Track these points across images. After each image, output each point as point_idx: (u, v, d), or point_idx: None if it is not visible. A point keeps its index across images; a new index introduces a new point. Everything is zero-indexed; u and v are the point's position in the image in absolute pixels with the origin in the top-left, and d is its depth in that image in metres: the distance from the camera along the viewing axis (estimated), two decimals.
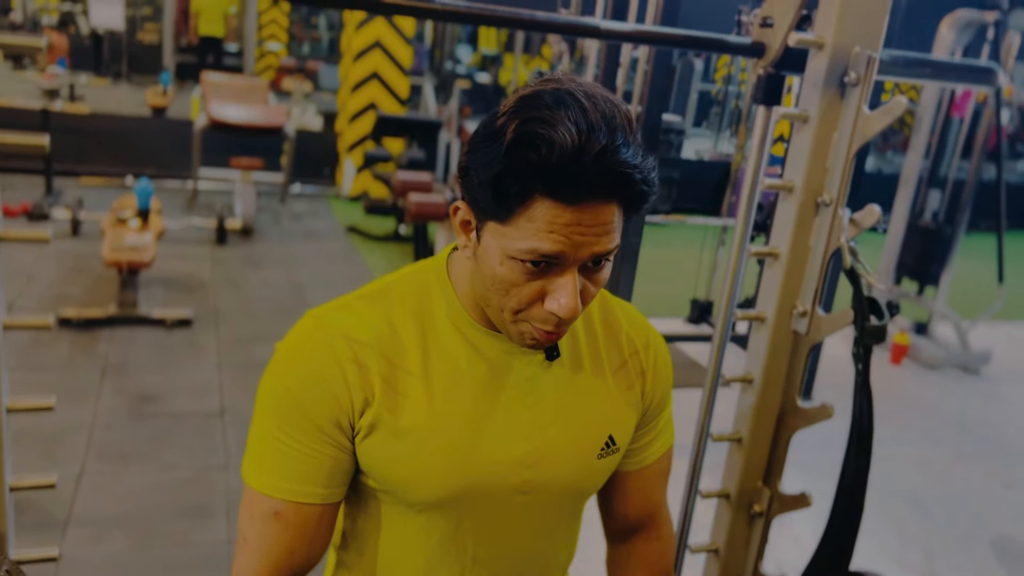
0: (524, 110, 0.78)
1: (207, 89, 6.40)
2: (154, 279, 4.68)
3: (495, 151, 0.78)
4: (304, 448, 0.89)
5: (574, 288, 0.82)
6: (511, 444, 0.93)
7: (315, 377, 0.89)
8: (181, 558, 2.55)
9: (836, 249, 1.36)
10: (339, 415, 0.89)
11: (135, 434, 3.19)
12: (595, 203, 0.78)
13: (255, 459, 0.92)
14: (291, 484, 0.90)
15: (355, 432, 0.90)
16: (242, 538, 0.93)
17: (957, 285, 5.54)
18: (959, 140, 5.45)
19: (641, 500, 1.09)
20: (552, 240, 0.79)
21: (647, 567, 1.13)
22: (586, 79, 0.83)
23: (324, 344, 0.89)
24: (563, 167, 0.75)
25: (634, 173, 0.78)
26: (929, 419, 4.31)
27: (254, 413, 0.93)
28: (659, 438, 1.06)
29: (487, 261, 0.84)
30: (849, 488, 1.41)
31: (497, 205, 0.80)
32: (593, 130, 0.76)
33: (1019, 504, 3.55)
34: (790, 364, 1.46)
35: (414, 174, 4.97)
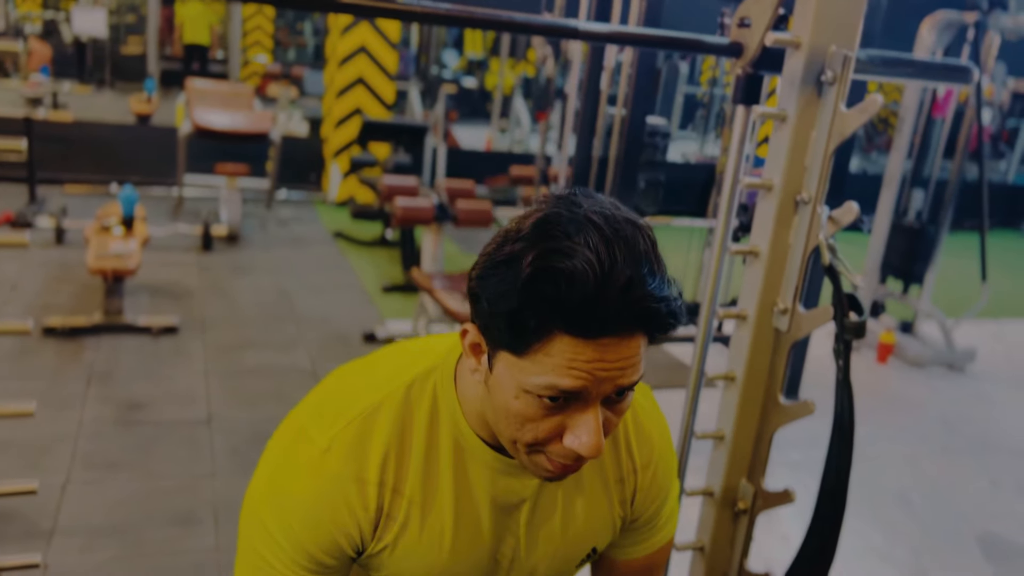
0: (541, 239, 0.72)
1: (192, 95, 6.38)
2: (139, 287, 4.66)
3: (510, 282, 0.72)
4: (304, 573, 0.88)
5: (597, 425, 0.76)
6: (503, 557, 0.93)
7: (324, 524, 0.86)
8: (169, 566, 2.54)
9: (816, 247, 1.37)
10: (346, 552, 0.88)
11: (121, 443, 3.17)
12: (619, 337, 0.73)
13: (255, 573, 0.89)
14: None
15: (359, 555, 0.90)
16: None
17: (941, 284, 5.59)
18: (941, 140, 5.50)
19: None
20: (573, 376, 0.73)
21: None
22: (603, 196, 0.78)
23: (333, 489, 0.86)
24: (585, 304, 0.70)
25: (660, 307, 0.73)
26: (915, 417, 4.34)
27: (244, 525, 0.91)
28: (659, 533, 1.03)
29: (500, 392, 0.79)
30: (832, 484, 1.42)
31: (513, 338, 0.74)
32: (615, 261, 0.70)
33: (1005, 501, 3.58)
34: (772, 361, 1.47)
35: (400, 178, 4.97)
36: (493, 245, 0.77)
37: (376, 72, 7.16)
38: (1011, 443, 4.17)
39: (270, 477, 0.89)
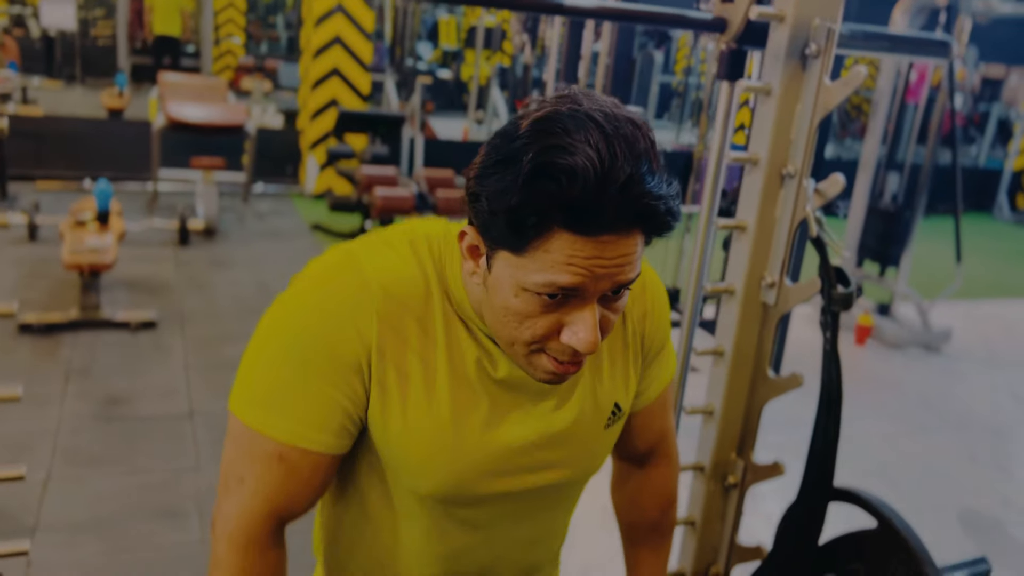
0: (541, 136, 0.72)
1: (165, 89, 6.31)
2: (116, 282, 4.61)
3: (510, 180, 0.72)
4: (320, 392, 0.84)
5: (594, 321, 0.77)
6: (524, 432, 0.91)
7: (346, 320, 0.83)
8: (154, 560, 2.51)
9: (802, 220, 1.38)
10: (363, 367, 0.85)
11: (102, 438, 3.14)
12: (617, 235, 0.73)
13: (257, 395, 0.86)
14: (302, 429, 0.85)
15: (371, 390, 0.86)
16: (236, 478, 0.87)
17: (917, 266, 5.66)
18: (915, 125, 5.56)
19: (646, 434, 1.09)
20: (571, 272, 0.74)
21: (652, 493, 1.14)
22: (602, 95, 0.77)
23: (360, 289, 0.84)
24: (585, 200, 0.70)
25: (659, 204, 0.73)
26: (894, 396, 4.39)
27: (256, 344, 0.87)
28: (660, 375, 1.04)
29: (499, 292, 0.79)
30: (820, 453, 1.44)
31: (512, 236, 0.74)
32: (615, 158, 0.70)
33: (983, 477, 3.63)
34: (760, 335, 1.48)
35: (379, 168, 4.95)
36: (491, 146, 0.76)
37: (351, 63, 7.11)
38: (987, 420, 4.23)
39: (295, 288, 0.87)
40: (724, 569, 1.60)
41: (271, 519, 0.89)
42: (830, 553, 1.45)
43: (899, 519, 1.36)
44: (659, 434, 1.10)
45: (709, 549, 1.60)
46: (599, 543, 2.62)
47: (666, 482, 1.14)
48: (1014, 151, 10.05)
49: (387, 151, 6.45)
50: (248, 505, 0.87)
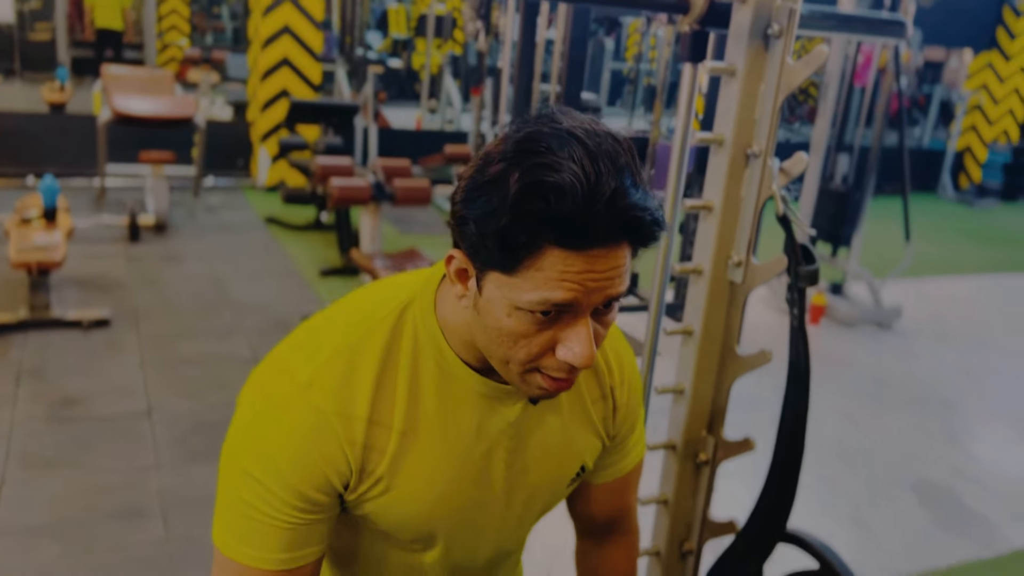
0: (525, 155, 0.73)
1: (109, 82, 6.15)
2: (66, 280, 4.49)
3: (497, 201, 0.73)
4: (299, 520, 0.86)
5: (588, 336, 0.78)
6: (490, 486, 0.93)
7: (313, 460, 0.84)
8: (118, 561, 2.47)
9: (767, 199, 1.40)
10: (336, 488, 0.87)
11: (58, 440, 3.06)
12: (606, 248, 0.74)
13: (237, 529, 0.87)
14: (287, 554, 0.87)
15: (347, 494, 0.88)
16: None
17: (867, 246, 5.78)
18: (864, 108, 5.67)
19: (607, 508, 1.10)
20: (564, 288, 0.74)
21: (611, 569, 1.16)
22: (580, 113, 0.78)
23: (320, 424, 0.84)
24: (574, 216, 0.71)
25: (645, 215, 0.74)
26: (848, 374, 4.49)
27: (225, 477, 0.88)
28: (629, 455, 1.06)
29: (491, 313, 0.79)
30: (790, 428, 1.47)
31: (502, 256, 0.75)
32: (600, 173, 0.71)
33: (936, 449, 3.74)
34: (728, 314, 1.50)
35: (334, 159, 4.89)
36: (474, 168, 0.77)
37: (301, 53, 7.01)
38: (938, 394, 4.35)
39: (250, 420, 0.86)
40: (697, 545, 1.62)
41: None
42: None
43: (839, 561, 1.43)
44: (620, 511, 1.12)
45: (682, 526, 1.63)
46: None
47: (624, 559, 1.16)
48: (956, 132, 10.32)
49: (340, 141, 6.38)
50: None
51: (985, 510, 3.22)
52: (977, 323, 5.69)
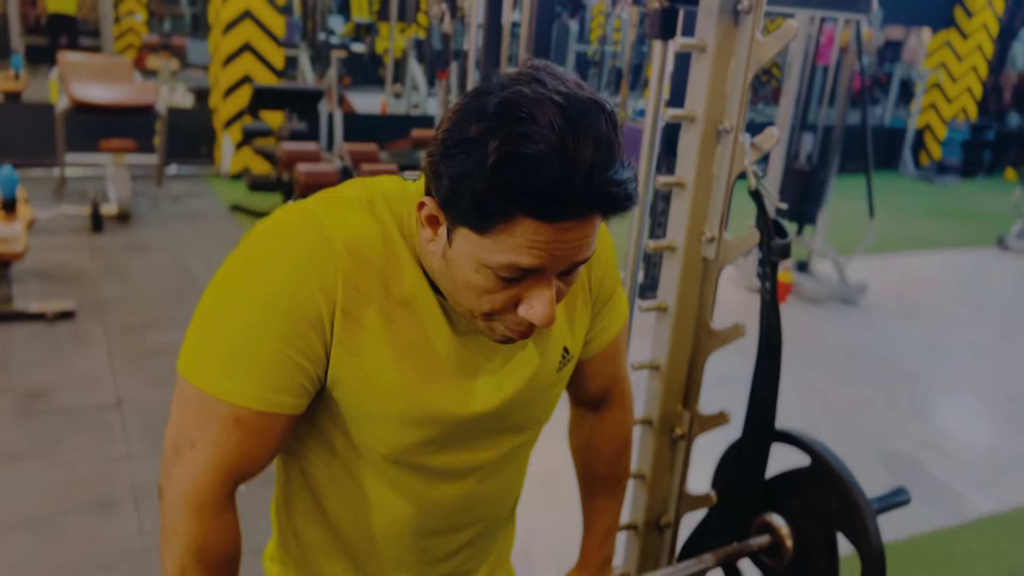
0: (506, 121, 0.72)
1: (65, 70, 6.01)
2: (27, 272, 4.41)
3: (474, 164, 0.73)
4: (279, 353, 0.82)
5: (551, 298, 0.80)
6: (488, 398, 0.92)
7: (309, 278, 0.81)
8: (91, 554, 2.44)
9: (739, 174, 1.42)
10: (325, 326, 0.83)
11: (25, 433, 3.01)
12: (578, 220, 0.75)
13: (211, 357, 0.83)
14: (260, 392, 0.83)
15: (332, 349, 0.85)
16: (188, 442, 0.84)
17: (832, 224, 5.87)
18: (827, 87, 5.74)
19: (599, 378, 1.11)
20: (532, 255, 0.76)
21: (606, 436, 1.17)
22: (566, 72, 0.77)
23: (323, 246, 0.82)
24: (549, 189, 0.72)
25: (620, 191, 0.75)
26: (816, 349, 4.56)
27: (209, 303, 0.85)
28: (611, 321, 1.06)
29: (459, 266, 0.80)
30: (761, 398, 1.49)
31: (474, 217, 0.75)
32: (579, 146, 0.71)
33: (902, 421, 3.82)
34: (702, 289, 1.52)
35: (300, 144, 4.84)
36: (453, 122, 0.76)
37: (263, 38, 6.91)
38: (903, 367, 4.44)
39: (252, 244, 0.85)
40: (674, 518, 1.65)
41: (226, 482, 0.87)
42: (768, 492, 1.52)
43: (831, 455, 1.44)
44: (612, 378, 1.13)
45: (659, 500, 1.65)
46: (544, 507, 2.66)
47: (620, 425, 1.18)
48: (916, 110, 10.47)
49: (305, 127, 6.31)
50: (202, 468, 0.85)
51: (951, 479, 3.30)
52: (939, 297, 5.81)
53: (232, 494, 0.89)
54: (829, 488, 1.45)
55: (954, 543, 2.89)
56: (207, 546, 0.87)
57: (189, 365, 0.85)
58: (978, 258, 6.94)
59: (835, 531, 1.42)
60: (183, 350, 0.86)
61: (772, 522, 1.48)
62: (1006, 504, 3.16)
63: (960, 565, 2.77)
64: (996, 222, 7.94)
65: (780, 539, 1.46)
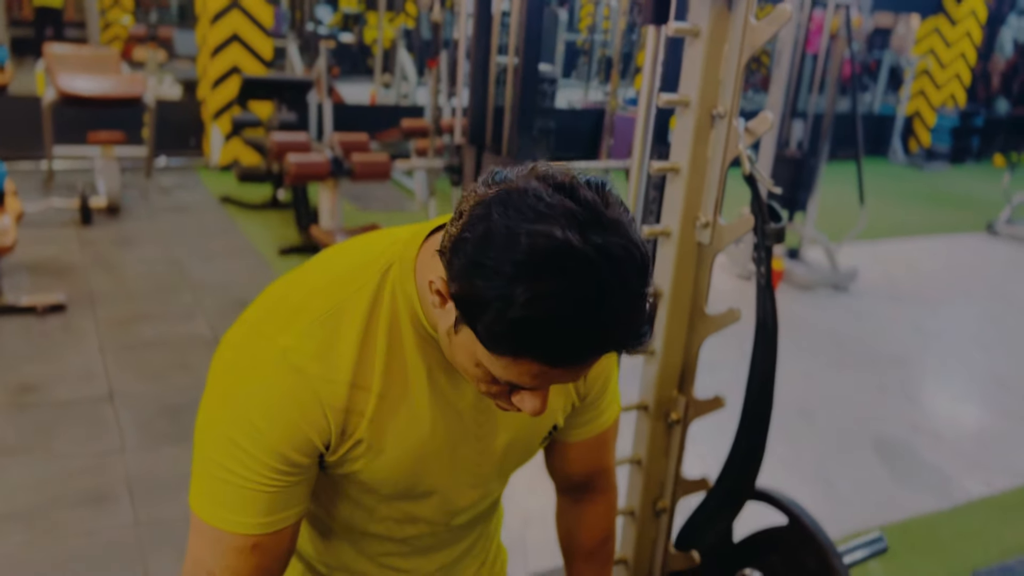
0: (535, 274, 0.68)
1: (52, 62, 5.95)
2: (16, 266, 4.38)
3: (494, 301, 0.69)
4: (278, 483, 0.85)
5: (543, 400, 0.80)
6: (466, 445, 0.94)
7: (294, 422, 0.83)
8: (86, 547, 2.43)
9: (733, 159, 1.42)
10: (318, 448, 0.86)
11: (18, 427, 3.00)
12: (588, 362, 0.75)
13: (216, 494, 0.86)
14: (270, 517, 0.86)
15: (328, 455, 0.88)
16: (206, 573, 0.87)
17: (823, 211, 5.88)
18: (817, 75, 5.74)
19: (583, 466, 1.12)
20: (532, 384, 0.77)
21: (588, 527, 1.18)
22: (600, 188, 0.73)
23: (301, 388, 0.83)
24: (568, 353, 0.71)
25: (635, 343, 0.74)
26: (807, 336, 4.58)
27: (202, 442, 0.87)
28: (603, 414, 1.07)
29: (460, 352, 0.79)
30: (759, 384, 1.49)
31: (484, 339, 0.73)
32: (607, 313, 0.69)
33: (892, 405, 3.84)
34: (696, 274, 1.52)
35: (290, 135, 4.81)
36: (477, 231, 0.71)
37: (252, 28, 6.87)
38: (893, 352, 4.47)
39: (228, 385, 0.85)
40: (670, 503, 1.65)
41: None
42: (749, 548, 1.55)
43: (807, 516, 1.49)
44: (597, 469, 1.13)
45: (655, 484, 1.65)
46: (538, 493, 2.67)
47: (602, 518, 1.18)
48: (905, 97, 10.49)
49: (295, 118, 6.28)
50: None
51: (941, 462, 3.33)
52: (929, 283, 5.84)
53: None
54: (806, 548, 1.50)
55: (945, 526, 2.91)
56: None
57: (198, 503, 0.87)
58: (967, 244, 6.98)
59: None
60: (191, 487, 0.88)
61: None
62: (996, 487, 3.19)
63: (951, 548, 2.79)
64: (985, 208, 7.98)
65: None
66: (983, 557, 2.75)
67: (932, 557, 2.74)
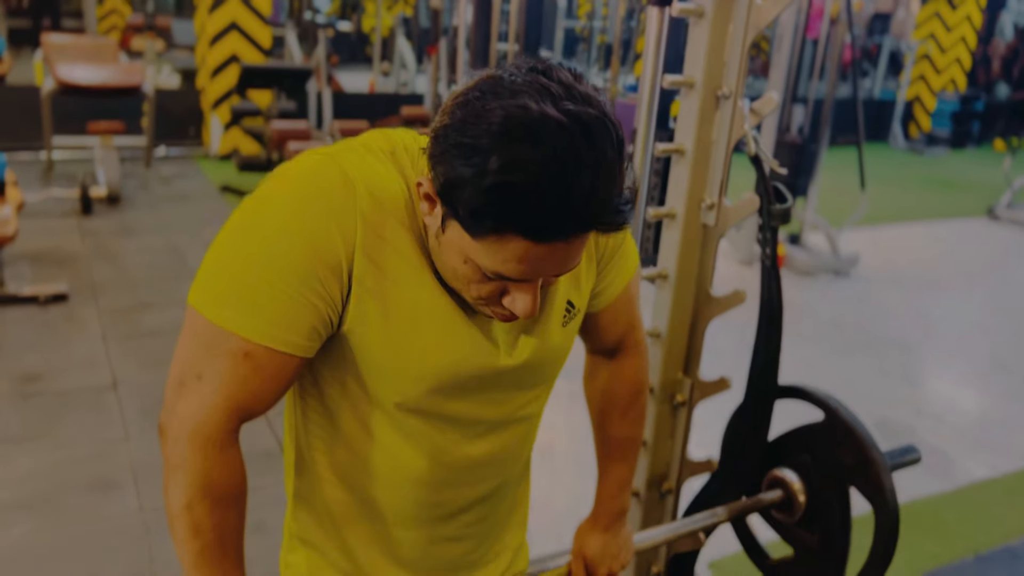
0: (508, 141, 0.71)
1: (50, 51, 5.94)
2: (18, 256, 4.38)
3: (471, 177, 0.72)
4: (295, 292, 0.82)
5: (534, 296, 0.81)
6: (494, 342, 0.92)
7: (330, 219, 0.81)
8: (92, 533, 2.44)
9: (738, 140, 1.42)
10: (343, 269, 0.83)
11: (23, 415, 3.01)
12: (569, 241, 0.76)
13: (225, 291, 0.82)
14: (273, 328, 0.82)
15: (349, 292, 0.85)
16: (194, 375, 0.84)
17: (823, 196, 5.88)
18: (817, 60, 5.73)
19: (613, 328, 1.12)
20: (519, 270, 0.77)
21: (622, 381, 1.18)
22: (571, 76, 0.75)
23: (344, 188, 0.82)
24: (544, 219, 0.73)
25: (615, 219, 0.75)
26: (808, 321, 4.58)
27: (226, 239, 0.84)
28: (620, 272, 1.05)
29: (448, 252, 0.81)
30: (763, 365, 1.50)
31: (467, 223, 0.75)
32: (580, 175, 0.71)
33: (894, 389, 3.85)
34: (701, 256, 1.52)
35: (291, 123, 4.80)
36: (456, 117, 0.75)
37: (250, 16, 6.84)
38: (894, 336, 4.47)
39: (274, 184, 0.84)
40: (676, 484, 1.66)
41: (232, 417, 0.86)
42: (779, 448, 1.52)
43: (844, 409, 1.44)
44: (626, 327, 1.14)
45: (661, 466, 1.66)
46: (542, 479, 2.68)
47: (635, 371, 1.19)
48: (905, 82, 10.46)
49: (294, 106, 6.27)
50: (209, 402, 0.84)
51: (944, 445, 3.34)
52: (930, 267, 5.84)
53: (237, 431, 0.88)
54: (842, 443, 1.43)
55: (948, 508, 2.92)
56: (214, 481, 0.86)
57: (201, 298, 0.84)
58: (968, 228, 6.98)
59: (848, 486, 1.41)
60: (195, 283, 0.85)
61: (784, 477, 1.48)
62: (999, 469, 3.20)
63: (954, 530, 2.80)
64: (985, 192, 7.97)
65: (792, 494, 1.45)
66: (987, 539, 2.76)
67: (936, 539, 2.75)
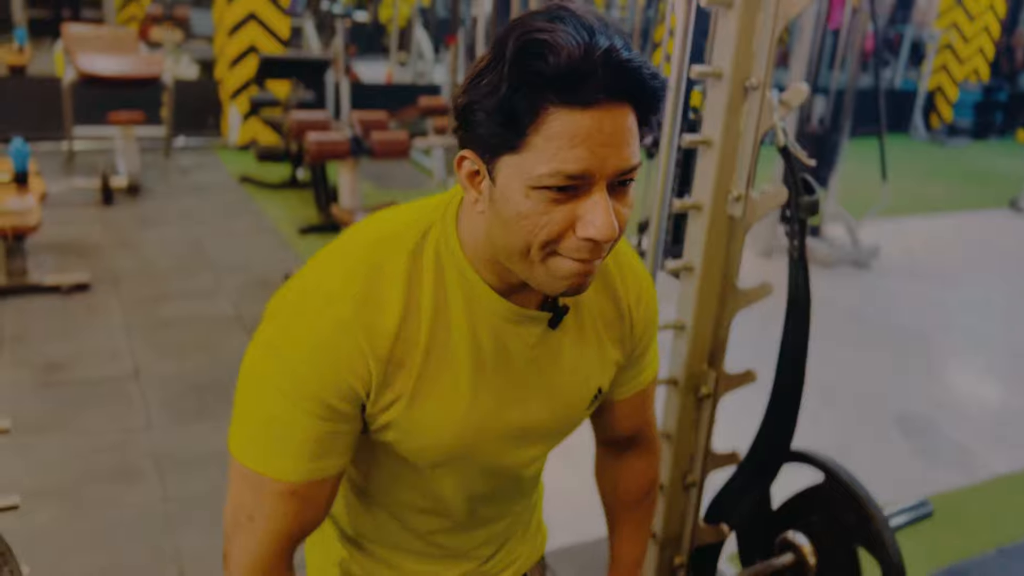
0: (520, 28, 0.75)
1: (71, 42, 5.97)
2: (40, 246, 4.41)
3: (497, 75, 0.74)
4: (318, 429, 0.85)
5: (607, 205, 0.77)
6: (511, 409, 0.94)
7: (335, 369, 0.84)
8: (116, 521, 2.47)
9: (766, 132, 1.40)
10: (359, 396, 0.86)
11: (46, 404, 3.04)
12: (610, 106, 0.74)
13: (257, 438, 0.87)
14: (310, 464, 0.87)
15: (369, 405, 0.88)
16: (246, 516, 0.89)
17: (844, 187, 5.83)
18: (839, 51, 5.67)
19: (627, 422, 1.13)
20: (575, 157, 0.74)
21: (632, 479, 1.19)
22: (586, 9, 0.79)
23: (343, 334, 0.84)
24: (572, 68, 0.72)
25: (643, 68, 0.75)
26: (829, 313, 4.55)
27: (245, 388, 0.88)
28: (646, 369, 1.08)
29: (508, 201, 0.78)
30: (791, 357, 1.49)
31: (508, 131, 0.75)
32: (594, 33, 0.73)
33: (915, 383, 3.82)
34: (728, 248, 1.51)
35: (310, 113, 4.80)
36: (475, 65, 0.79)
37: (269, 6, 6.85)
38: (914, 329, 4.44)
39: (272, 332, 0.86)
40: (699, 477, 1.65)
41: (285, 548, 0.91)
42: (789, 511, 1.56)
43: (842, 470, 1.48)
44: (641, 424, 1.14)
45: (684, 459, 1.65)
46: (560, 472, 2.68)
47: (646, 470, 1.19)
48: (927, 72, 10.34)
49: (312, 97, 6.27)
50: (261, 539, 0.89)
51: (965, 439, 3.31)
52: (952, 260, 5.79)
53: (291, 555, 0.93)
54: (844, 503, 1.49)
55: (970, 502, 2.90)
56: None
57: (238, 446, 0.88)
58: (990, 220, 6.90)
59: (854, 544, 1.46)
60: (231, 431, 0.89)
61: (794, 540, 1.54)
62: (1021, 463, 3.17)
63: (976, 524, 2.78)
64: (1008, 184, 7.88)
65: (803, 556, 1.51)
66: (1009, 533, 2.74)
67: (958, 533, 2.73)
